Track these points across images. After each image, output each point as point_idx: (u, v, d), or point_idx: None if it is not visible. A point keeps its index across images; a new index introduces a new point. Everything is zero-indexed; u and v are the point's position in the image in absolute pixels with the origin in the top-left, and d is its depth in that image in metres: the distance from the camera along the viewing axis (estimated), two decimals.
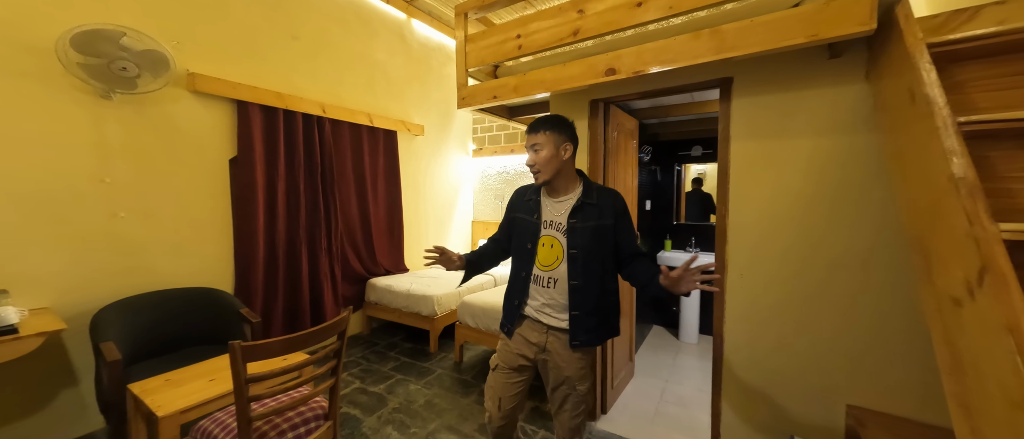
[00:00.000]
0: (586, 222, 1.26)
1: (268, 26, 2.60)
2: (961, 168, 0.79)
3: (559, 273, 1.27)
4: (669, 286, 1.11)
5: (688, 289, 1.10)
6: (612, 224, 1.27)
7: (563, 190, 1.32)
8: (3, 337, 1.44)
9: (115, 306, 1.89)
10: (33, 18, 1.75)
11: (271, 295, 2.61)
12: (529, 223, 1.33)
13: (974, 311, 0.71)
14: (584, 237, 1.25)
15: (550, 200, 1.33)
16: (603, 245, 1.27)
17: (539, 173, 1.28)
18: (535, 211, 1.33)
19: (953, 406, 0.77)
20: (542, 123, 1.28)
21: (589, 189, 1.30)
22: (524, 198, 1.39)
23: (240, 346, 1.10)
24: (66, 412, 1.89)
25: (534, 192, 1.36)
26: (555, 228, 1.29)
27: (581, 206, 1.27)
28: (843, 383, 1.45)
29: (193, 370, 1.55)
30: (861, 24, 1.12)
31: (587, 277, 1.25)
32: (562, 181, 1.31)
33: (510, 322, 1.36)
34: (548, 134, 1.27)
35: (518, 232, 1.37)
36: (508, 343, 1.36)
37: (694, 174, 3.49)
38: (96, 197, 1.94)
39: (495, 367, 1.38)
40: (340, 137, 3.07)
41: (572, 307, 1.25)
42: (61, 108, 1.83)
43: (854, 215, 1.42)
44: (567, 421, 1.32)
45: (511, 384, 1.34)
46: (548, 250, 1.29)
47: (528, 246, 1.31)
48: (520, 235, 1.35)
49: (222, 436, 1.26)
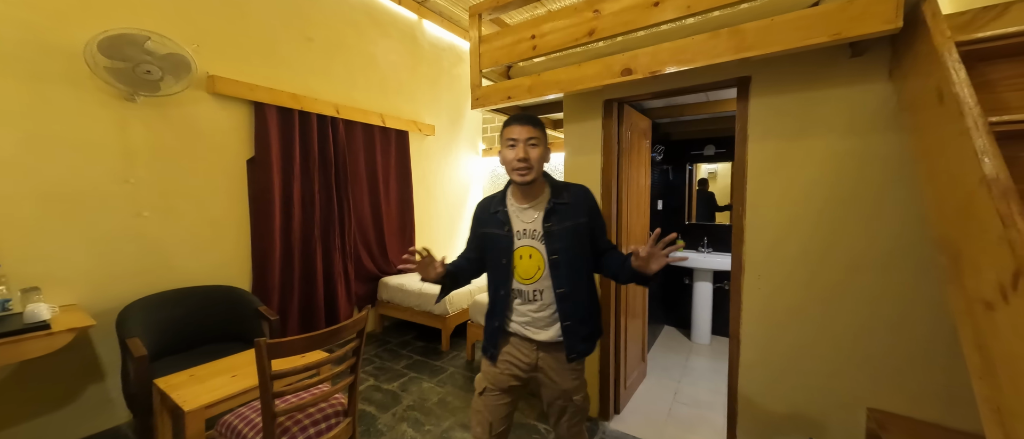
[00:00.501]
0: (563, 223, 1.18)
1: (284, 28, 2.64)
2: (993, 169, 0.77)
3: (543, 283, 1.18)
4: (642, 266, 1.07)
5: (659, 266, 1.06)
6: (587, 222, 1.21)
7: (533, 194, 1.22)
8: (36, 333, 1.49)
9: (139, 303, 1.94)
10: (61, 22, 1.80)
11: (287, 293, 2.66)
12: (500, 237, 1.22)
13: (1008, 314, 0.70)
14: (563, 240, 1.17)
15: (518, 207, 1.23)
16: (582, 245, 1.20)
17: (529, 171, 1.16)
18: (504, 223, 1.22)
19: (985, 410, 0.76)
20: (534, 119, 1.18)
21: (558, 189, 1.23)
22: (490, 211, 1.27)
23: (266, 343, 1.13)
24: (93, 405, 1.95)
25: (499, 203, 1.26)
26: (530, 236, 1.19)
27: (554, 208, 1.19)
28: (864, 386, 1.43)
29: (215, 366, 1.59)
30: (887, 22, 1.10)
31: (574, 283, 1.18)
32: (538, 184, 1.21)
33: (493, 345, 1.25)
34: (540, 131, 1.17)
35: (490, 249, 1.26)
36: (495, 366, 1.26)
37: (703, 174, 3.46)
38: (121, 197, 2.00)
39: (483, 391, 1.27)
40: (353, 137, 3.10)
41: (563, 318, 1.17)
42: (88, 110, 1.89)
43: (874, 216, 1.40)
44: (566, 432, 1.27)
45: (501, 406, 1.25)
46: (527, 262, 1.19)
47: (503, 262, 1.21)
48: (493, 251, 1.25)
49: (246, 431, 1.29)
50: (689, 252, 3.38)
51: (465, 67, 4.18)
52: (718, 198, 3.43)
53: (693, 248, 3.43)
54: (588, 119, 2.07)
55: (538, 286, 1.19)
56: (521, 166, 1.15)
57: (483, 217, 1.30)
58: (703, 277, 3.18)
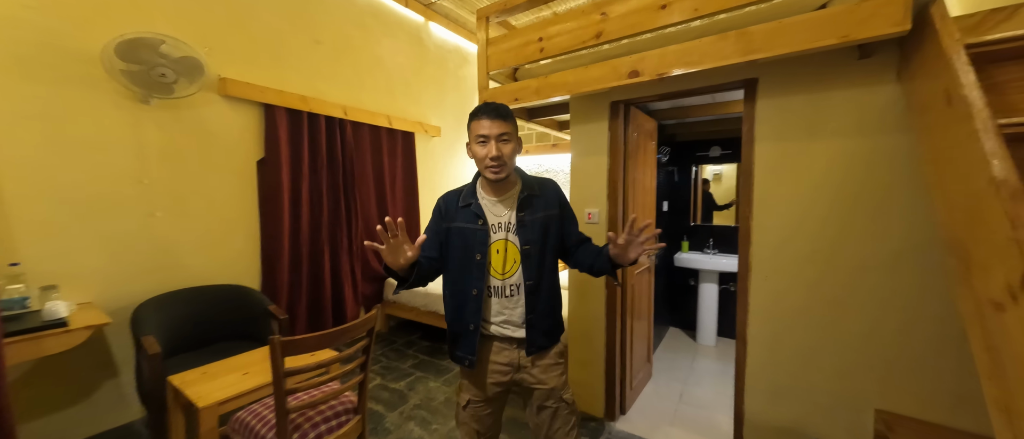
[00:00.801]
0: (535, 214, 1.17)
1: (292, 31, 2.68)
2: (1002, 171, 0.78)
3: (517, 278, 1.16)
4: (619, 254, 1.06)
5: (637, 254, 1.05)
6: (558, 213, 1.20)
7: (506, 187, 1.19)
8: (55, 330, 1.52)
9: (153, 301, 1.97)
10: (80, 27, 1.84)
11: (295, 293, 2.69)
12: (474, 232, 1.16)
13: (1017, 315, 0.70)
14: (534, 231, 1.16)
15: (491, 200, 1.19)
16: (550, 236, 1.18)
17: (503, 168, 1.12)
18: (479, 216, 1.16)
19: (994, 411, 0.77)
20: (505, 111, 1.12)
21: (528, 181, 1.21)
22: (458, 205, 1.20)
23: (280, 341, 1.15)
24: (107, 402, 1.98)
25: (470, 196, 1.20)
26: (504, 229, 1.16)
27: (528, 198, 1.17)
28: (872, 387, 1.43)
29: (227, 364, 1.61)
30: (895, 25, 1.11)
31: (540, 274, 1.16)
32: (510, 178, 1.18)
33: (470, 350, 1.16)
34: (512, 124, 1.13)
35: (460, 245, 1.18)
36: (474, 375, 1.20)
37: (708, 175, 3.46)
38: (135, 197, 2.04)
39: (466, 404, 1.22)
40: (360, 138, 3.13)
41: (528, 310, 1.15)
42: (103, 113, 1.93)
43: (882, 218, 1.40)
44: (563, 436, 1.20)
45: (487, 416, 1.22)
46: (502, 256, 1.16)
47: (477, 258, 1.15)
48: (465, 247, 1.17)
49: (259, 427, 1.32)
50: (695, 253, 3.38)
51: (470, 68, 4.21)
52: (719, 198, 3.43)
53: (699, 249, 3.42)
54: (594, 121, 2.08)
55: (514, 280, 1.16)
56: (494, 164, 1.10)
57: (449, 211, 1.21)
58: (709, 278, 3.18)
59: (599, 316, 2.12)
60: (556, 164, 4.31)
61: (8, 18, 1.67)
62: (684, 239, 3.52)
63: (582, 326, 2.20)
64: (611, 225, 2.07)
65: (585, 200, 2.15)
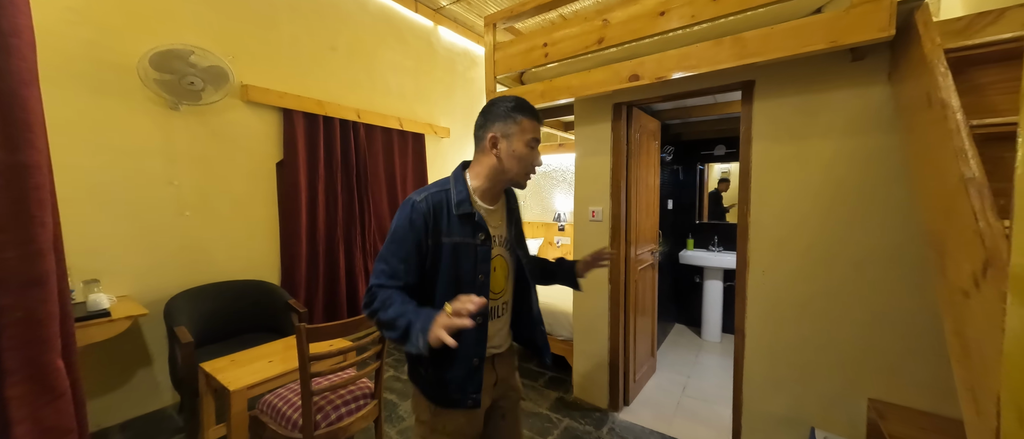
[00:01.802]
0: (517, 223, 1.10)
1: (310, 39, 2.81)
2: (971, 169, 0.84)
3: (508, 294, 1.05)
4: (580, 273, 1.18)
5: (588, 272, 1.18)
6: (519, 217, 1.14)
7: (500, 194, 1.05)
8: (99, 320, 1.66)
9: (183, 295, 2.11)
10: (117, 40, 1.99)
11: (312, 288, 2.82)
12: (477, 249, 0.96)
13: (979, 301, 0.77)
14: (520, 241, 1.08)
15: (488, 209, 1.01)
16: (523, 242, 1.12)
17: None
18: (481, 229, 0.96)
19: (962, 391, 0.83)
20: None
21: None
22: (456, 214, 0.95)
23: (305, 328, 1.26)
24: (142, 388, 2.13)
25: (465, 203, 0.96)
26: (500, 244, 1.03)
27: (511, 207, 1.09)
28: (865, 377, 1.48)
29: (252, 353, 1.73)
30: (880, 30, 1.16)
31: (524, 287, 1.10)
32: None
33: (476, 389, 0.96)
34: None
35: (454, 264, 0.94)
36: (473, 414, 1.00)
37: (717, 174, 3.49)
38: (166, 198, 2.18)
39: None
40: (373, 140, 3.25)
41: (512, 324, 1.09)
42: (136, 119, 2.07)
43: (875, 214, 1.45)
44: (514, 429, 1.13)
45: None
46: (498, 273, 1.02)
47: (479, 279, 0.95)
48: (457, 268, 0.94)
49: (285, 408, 1.43)
50: (700, 251, 3.43)
51: (478, 71, 4.30)
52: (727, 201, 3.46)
53: (704, 247, 3.47)
54: (598, 122, 2.15)
55: (506, 298, 1.05)
56: (531, 175, 1.01)
57: (438, 224, 0.94)
58: (713, 275, 3.23)
59: (603, 311, 2.20)
60: (562, 164, 4.39)
61: (54, 32, 1.82)
62: (689, 237, 3.56)
63: (586, 320, 2.28)
64: (614, 223, 2.14)
65: (589, 198, 2.23)
